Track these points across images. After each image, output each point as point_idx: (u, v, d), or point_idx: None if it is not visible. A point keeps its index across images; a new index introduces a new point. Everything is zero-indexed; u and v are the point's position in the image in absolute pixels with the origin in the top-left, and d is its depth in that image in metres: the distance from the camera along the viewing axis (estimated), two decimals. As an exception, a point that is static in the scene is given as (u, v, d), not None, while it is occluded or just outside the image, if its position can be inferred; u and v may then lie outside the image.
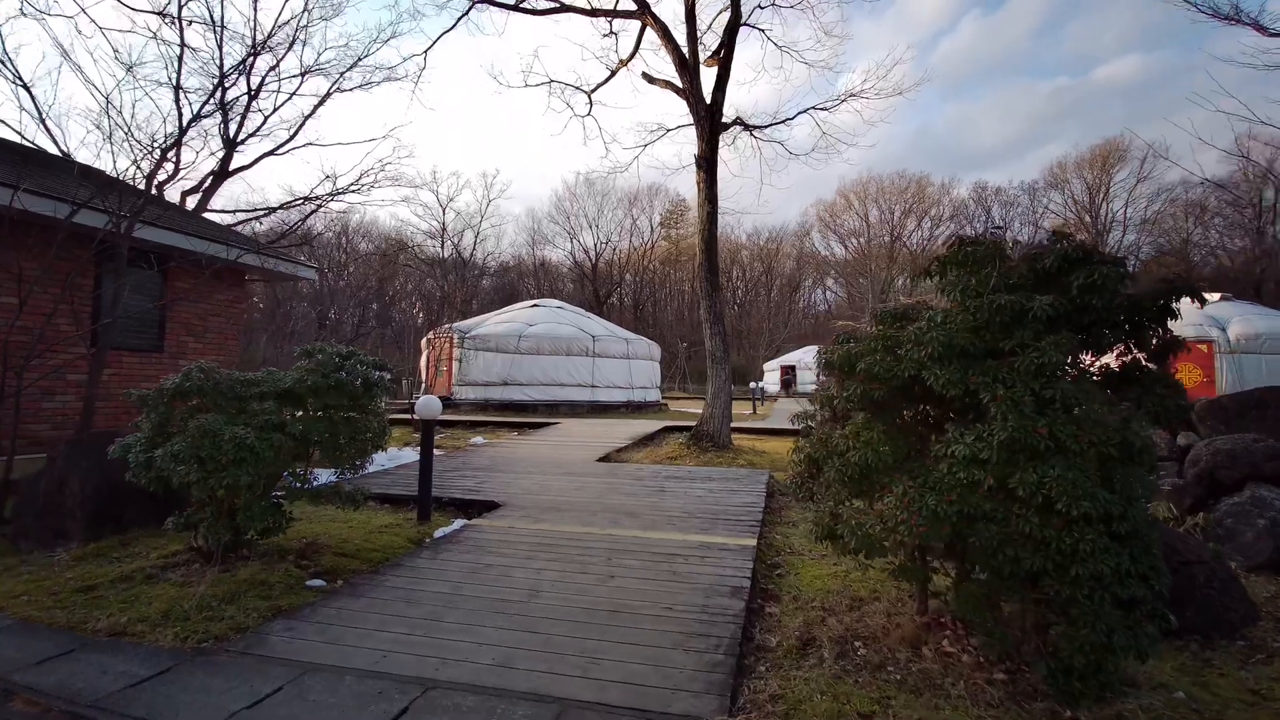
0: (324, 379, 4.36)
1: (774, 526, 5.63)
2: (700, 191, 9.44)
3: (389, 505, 6.26)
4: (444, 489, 6.60)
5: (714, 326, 9.43)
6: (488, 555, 4.35)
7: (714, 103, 9.32)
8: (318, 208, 15.68)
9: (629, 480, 7.24)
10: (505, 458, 9.01)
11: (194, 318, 9.57)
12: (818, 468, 3.16)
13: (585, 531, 4.97)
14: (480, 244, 58.82)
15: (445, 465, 8.26)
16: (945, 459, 2.67)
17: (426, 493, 5.56)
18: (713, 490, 6.68)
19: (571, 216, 59.71)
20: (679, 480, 7.25)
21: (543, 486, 6.80)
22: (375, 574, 4.02)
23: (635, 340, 21.08)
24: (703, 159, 9.34)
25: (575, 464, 8.42)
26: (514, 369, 18.43)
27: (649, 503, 6.05)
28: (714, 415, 9.34)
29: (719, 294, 9.59)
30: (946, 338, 2.72)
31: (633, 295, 62.14)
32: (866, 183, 60.25)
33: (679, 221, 62.58)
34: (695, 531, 5.01)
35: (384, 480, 7.16)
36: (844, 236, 63.45)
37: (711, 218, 9.40)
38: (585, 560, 4.24)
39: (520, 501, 6.06)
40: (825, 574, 4.25)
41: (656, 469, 8.10)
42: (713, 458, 8.81)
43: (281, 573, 4.04)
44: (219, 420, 3.92)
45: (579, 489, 6.69)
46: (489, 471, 7.76)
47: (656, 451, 9.74)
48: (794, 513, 6.31)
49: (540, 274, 60.76)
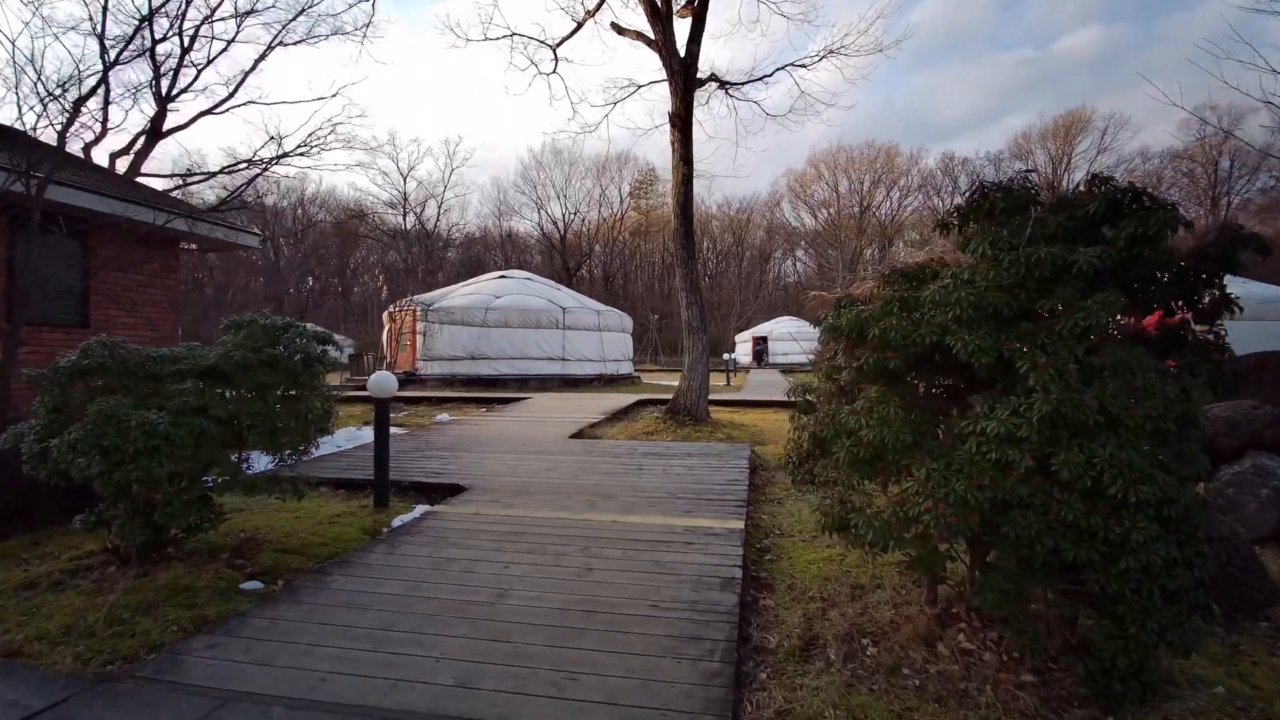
0: (255, 354, 3.81)
1: (759, 505, 5.32)
2: (674, 152, 8.90)
3: (344, 491, 5.75)
4: (405, 472, 6.11)
5: (690, 295, 9.00)
6: (450, 547, 3.92)
7: (688, 55, 8.72)
8: (262, 171, 14.61)
9: (605, 458, 6.86)
10: (472, 436, 8.53)
11: (123, 290, 8.74)
12: (822, 447, 2.79)
13: (559, 517, 4.56)
14: (444, 214, 56.98)
15: (407, 445, 7.74)
16: (973, 436, 2.32)
17: (383, 477, 5.07)
18: (693, 467, 6.34)
19: (538, 186, 58.17)
20: (657, 457, 6.89)
21: (512, 467, 6.36)
22: (321, 573, 3.55)
23: (607, 312, 20.56)
24: (677, 117, 8.77)
25: (547, 441, 7.99)
26: (481, 342, 17.78)
27: (627, 483, 5.67)
28: (691, 388, 8.98)
29: (695, 261, 9.15)
30: (976, 298, 2.34)
31: (602, 267, 61.21)
32: (836, 153, 60.05)
33: (648, 192, 61.53)
34: (678, 514, 4.65)
35: (339, 463, 6.62)
36: (814, 207, 63.39)
37: (687, 180, 8.88)
38: (560, 551, 3.84)
39: (488, 484, 5.62)
40: (820, 558, 3.94)
41: (633, 445, 7.73)
42: (690, 432, 8.48)
43: (210, 575, 3.55)
44: (125, 403, 3.36)
45: (551, 469, 6.27)
46: (454, 451, 7.28)
47: (632, 426, 9.36)
48: (778, 488, 6.02)
49: (508, 246, 59.30)
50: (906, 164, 60.14)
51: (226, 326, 4.07)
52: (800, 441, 2.94)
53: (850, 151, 59.76)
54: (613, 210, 60.37)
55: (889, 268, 3.00)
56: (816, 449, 2.81)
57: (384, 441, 5.03)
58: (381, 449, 5.02)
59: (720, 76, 9.68)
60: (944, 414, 2.60)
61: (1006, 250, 2.40)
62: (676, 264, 9.08)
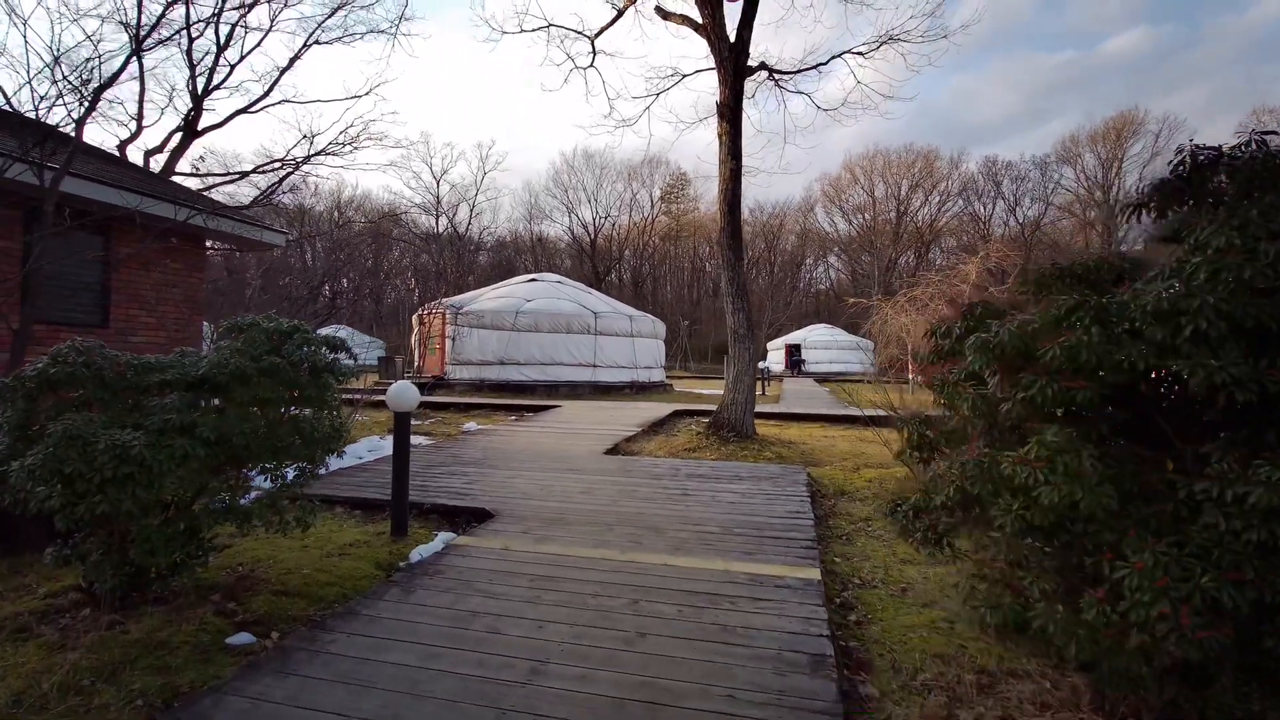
0: (253, 362, 3.26)
1: (828, 544, 4.60)
2: (722, 145, 8.23)
3: (360, 512, 5.21)
4: (427, 491, 5.56)
5: (736, 301, 8.30)
6: (474, 596, 3.31)
7: (739, 41, 8.06)
8: (294, 169, 14.42)
9: (645, 479, 6.20)
10: (501, 449, 7.96)
11: (145, 288, 8.43)
12: (968, 506, 2.08)
13: (600, 557, 3.92)
14: (476, 218, 57.26)
15: (432, 458, 7.21)
16: (1214, 505, 1.61)
17: (402, 502, 4.51)
18: (746, 494, 5.64)
19: (570, 190, 58.11)
20: (704, 480, 6.20)
21: (544, 488, 5.75)
22: (321, 629, 2.97)
23: (639, 317, 19.95)
24: (725, 107, 8.11)
25: (580, 457, 7.37)
26: (511, 347, 17.33)
27: (674, 512, 5.01)
28: (736, 401, 8.28)
29: (742, 264, 8.45)
30: (1227, 305, 1.63)
31: (632, 272, 60.77)
32: (873, 156, 58.63)
33: (679, 196, 60.93)
34: (739, 556, 3.96)
35: (358, 478, 6.11)
36: (849, 212, 61.92)
37: (735, 175, 8.20)
38: (604, 605, 3.20)
39: (518, 509, 5.01)
40: (920, 623, 3.22)
41: (674, 464, 7.06)
42: (736, 450, 7.77)
43: (194, 626, 3.00)
44: (95, 422, 2.83)
45: (587, 492, 5.64)
46: (481, 467, 6.71)
47: (671, 442, 8.70)
48: (843, 520, 5.29)
49: (538, 249, 59.30)
50: (946, 168, 58.33)
51: (224, 330, 3.54)
52: (930, 492, 2.23)
53: (887, 155, 58.27)
54: (643, 214, 59.98)
55: (1049, 264, 2.28)
56: (957, 507, 2.11)
57: (403, 460, 4.46)
58: (400, 469, 4.45)
59: (770, 65, 8.99)
60: (1151, 467, 1.88)
61: (1266, 238, 1.67)
62: (723, 267, 8.41)
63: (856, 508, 5.74)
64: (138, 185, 7.39)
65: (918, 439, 2.63)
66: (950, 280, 16.06)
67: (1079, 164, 55.67)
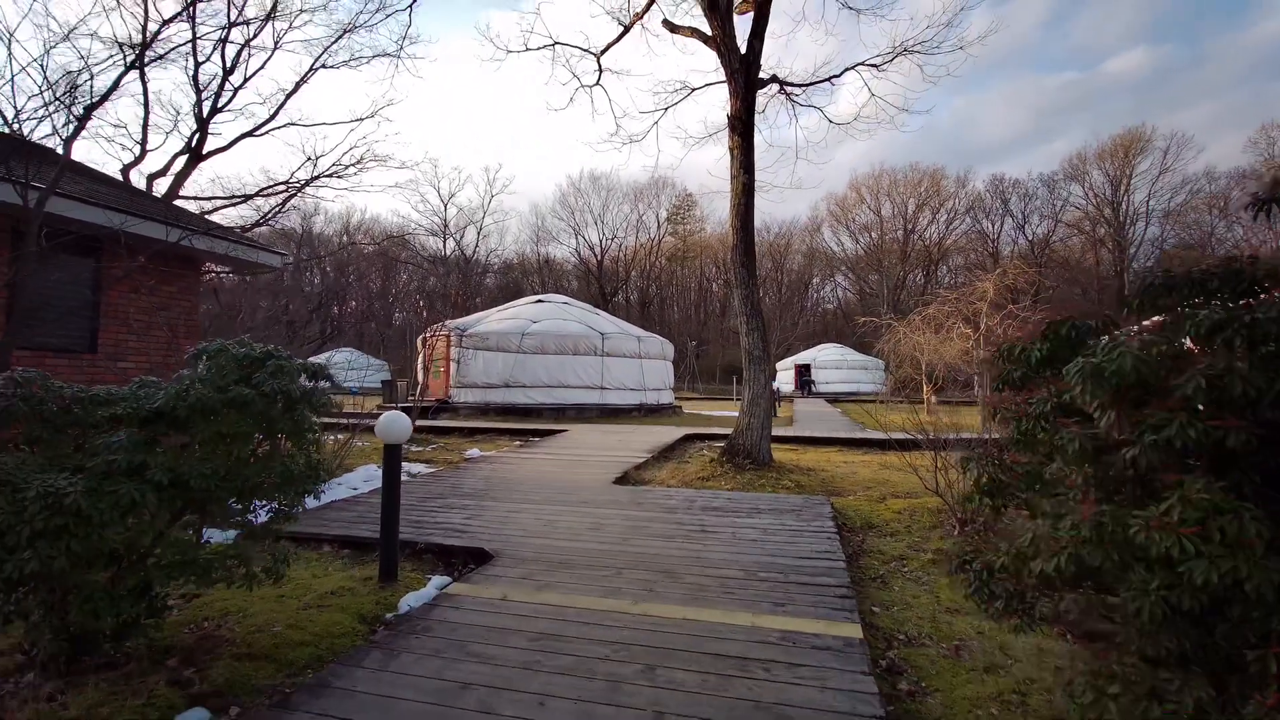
0: (219, 393, 2.89)
1: (864, 589, 4.14)
2: (734, 159, 7.92)
3: (349, 552, 4.80)
4: (422, 527, 5.14)
5: (751, 320, 7.91)
6: (466, 661, 2.87)
7: (750, 52, 7.79)
8: (296, 192, 14.28)
9: (658, 513, 5.76)
10: (504, 478, 7.54)
11: (137, 312, 8.15)
12: (1077, 577, 1.65)
13: (610, 609, 3.48)
14: (483, 240, 57.50)
15: (430, 489, 6.80)
16: None
17: (391, 544, 4.09)
18: (768, 529, 5.18)
19: (576, 212, 58.40)
20: (721, 513, 5.75)
21: (549, 524, 5.32)
22: (284, 707, 2.54)
23: (647, 338, 19.59)
24: (737, 119, 7.82)
25: (588, 487, 6.94)
26: (516, 370, 16.98)
27: (690, 552, 4.56)
28: (751, 426, 7.84)
29: (756, 282, 8.08)
30: None
31: (639, 293, 60.67)
32: (879, 175, 58.67)
33: (685, 217, 61.05)
34: (766, 608, 3.51)
35: (350, 513, 5.70)
36: (855, 231, 61.77)
37: (748, 190, 7.88)
38: (614, 672, 2.75)
39: (520, 549, 4.58)
40: (986, 694, 2.75)
41: (689, 495, 6.61)
42: (753, 479, 7.31)
43: (142, 700, 2.58)
44: (29, 464, 2.46)
45: (595, 528, 5.20)
46: (482, 500, 6.29)
47: (683, 469, 8.24)
48: (875, 559, 4.82)
49: (544, 271, 59.38)
50: (953, 187, 58.21)
51: (191, 357, 3.17)
52: (1022, 555, 1.80)
53: (894, 174, 58.31)
54: (650, 236, 60.07)
55: (1159, 269, 1.87)
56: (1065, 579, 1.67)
57: (393, 498, 4.06)
58: (390, 508, 4.05)
59: (782, 79, 8.72)
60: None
61: None
62: (735, 285, 8.05)
63: (887, 544, 5.27)
64: (127, 205, 7.14)
65: (990, 482, 2.20)
66: (967, 298, 15.65)
67: (1087, 181, 55.43)
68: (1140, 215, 53.91)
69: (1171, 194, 52.50)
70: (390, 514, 4.04)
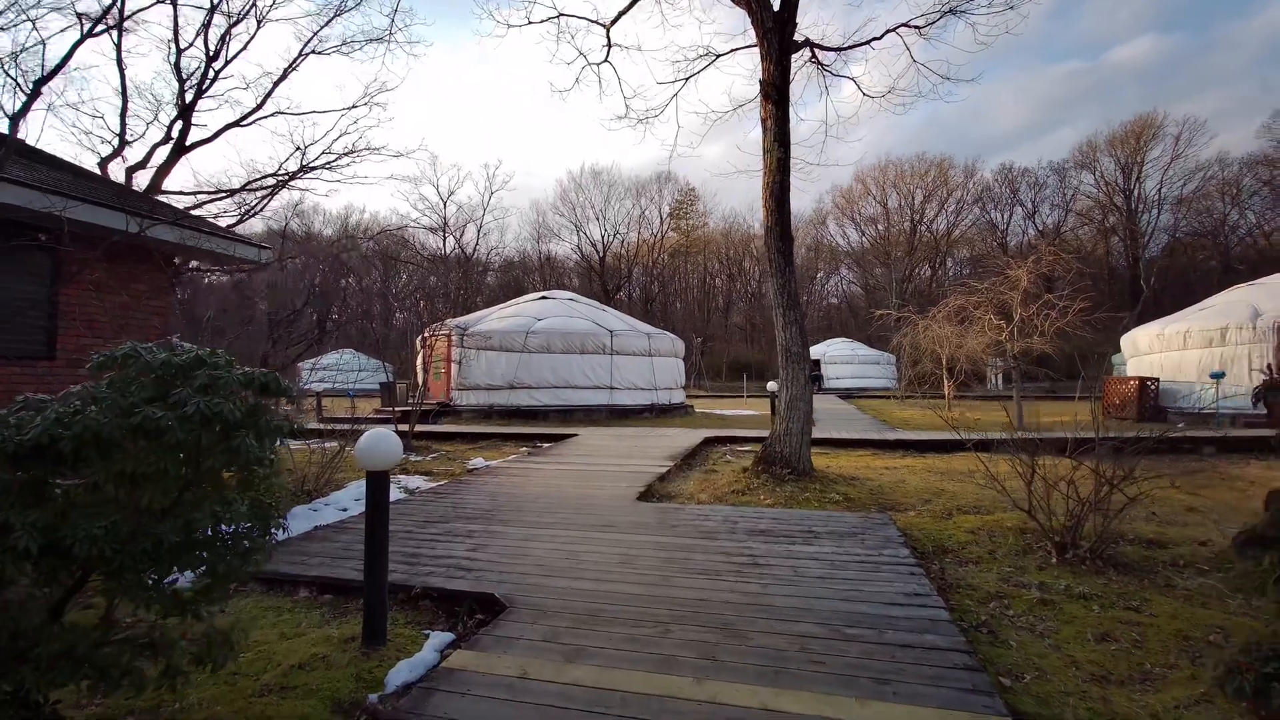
0: (122, 417, 2.04)
1: (976, 645, 3.27)
2: (767, 131, 7.04)
3: (330, 598, 3.96)
4: (418, 564, 4.29)
5: (788, 312, 7.05)
6: (476, 792, 2.02)
7: (784, 9, 6.91)
8: (285, 183, 13.44)
9: (695, 538, 4.90)
10: (512, 494, 6.70)
11: (101, 312, 7.31)
12: None
13: (666, 690, 2.63)
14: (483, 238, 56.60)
15: (428, 511, 5.95)
16: None
17: (377, 598, 3.24)
18: (833, 560, 4.33)
19: (577, 208, 57.48)
20: (771, 538, 4.89)
21: (570, 556, 4.47)
22: None
23: (658, 335, 18.73)
24: (770, 85, 6.94)
25: (609, 505, 6.09)
26: (521, 370, 16.13)
27: (747, 595, 3.71)
28: (790, 431, 6.98)
29: (793, 269, 7.19)
30: None
31: (641, 289, 59.75)
32: (885, 167, 57.63)
33: (688, 212, 60.10)
34: (869, 687, 2.65)
35: (335, 544, 4.85)
36: (861, 224, 60.79)
37: (783, 165, 7.00)
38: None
39: (537, 593, 3.74)
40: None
41: (726, 514, 5.75)
42: (794, 491, 6.46)
43: None
44: None
45: (626, 561, 4.35)
46: (489, 523, 5.44)
47: (713, 480, 7.39)
48: (970, 598, 3.96)
49: (546, 269, 58.52)
50: (961, 176, 57.18)
51: (94, 366, 2.32)
52: None
53: (900, 165, 57.27)
54: (652, 231, 59.15)
55: None
56: None
57: (380, 541, 3.21)
58: (376, 554, 3.19)
59: (815, 41, 7.82)
60: None
61: None
62: (770, 273, 7.18)
63: (973, 575, 4.41)
64: (74, 189, 6.29)
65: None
66: (996, 287, 14.76)
67: (1098, 169, 54.36)
68: (1153, 203, 52.87)
69: (1184, 181, 51.46)
70: (376, 562, 3.19)
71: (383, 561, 3.26)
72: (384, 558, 3.26)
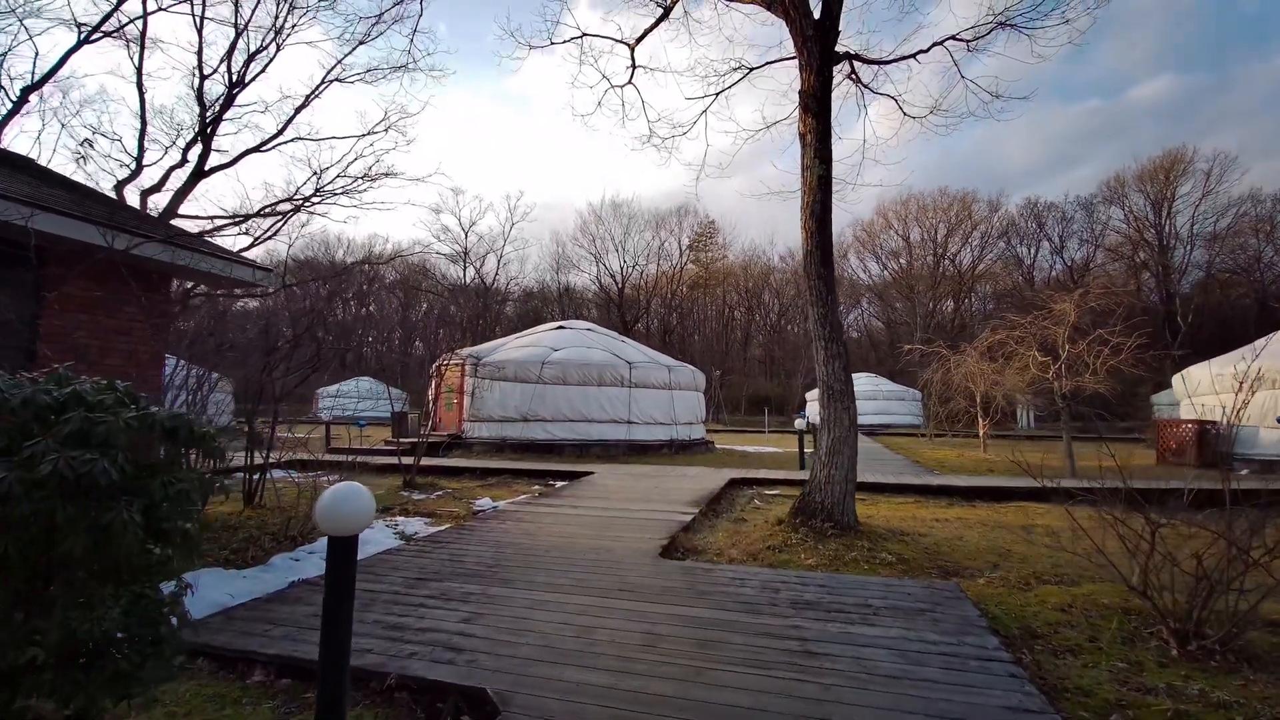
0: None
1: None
2: (806, 148, 6.45)
3: (288, 683, 3.24)
4: (401, 639, 3.56)
5: (831, 345, 6.33)
6: None
7: (826, 15, 6.39)
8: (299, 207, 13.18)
9: (734, 612, 4.11)
10: (519, 544, 5.96)
11: (88, 337, 6.84)
12: None
13: None
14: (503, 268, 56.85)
15: (423, 565, 5.23)
16: None
17: (335, 694, 2.52)
18: (906, 650, 3.51)
19: (597, 239, 57.60)
20: (822, 614, 4.09)
21: (581, 633, 3.71)
22: None
23: (678, 368, 18.02)
24: (810, 97, 6.37)
25: (629, 562, 5.33)
26: (535, 402, 15.49)
27: (808, 703, 2.91)
28: (833, 479, 6.19)
29: (835, 296, 6.50)
30: None
31: (660, 322, 59.32)
32: (906, 201, 57.08)
33: (708, 244, 59.95)
34: None
35: (309, 606, 4.13)
36: (883, 258, 60.08)
37: (824, 183, 6.37)
38: None
39: (539, 693, 2.98)
40: None
41: (765, 578, 4.95)
42: (839, 549, 5.64)
43: None
44: None
45: (649, 644, 3.58)
46: (489, 583, 4.71)
47: (744, 533, 6.58)
48: (1081, 704, 3.12)
49: (565, 299, 58.46)
50: (985, 210, 56.44)
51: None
52: None
53: (921, 199, 56.73)
54: (672, 263, 58.99)
55: None
56: None
57: (342, 632, 2.50)
58: (336, 647, 2.49)
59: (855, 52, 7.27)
60: None
61: None
62: (811, 301, 6.49)
63: (1079, 673, 3.57)
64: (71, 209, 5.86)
65: None
66: (1042, 324, 13.89)
67: (1126, 204, 53.30)
68: (1185, 239, 51.53)
69: (1216, 217, 50.20)
70: (333, 651, 2.48)
71: (343, 650, 2.54)
72: (344, 646, 2.55)
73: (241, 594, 4.60)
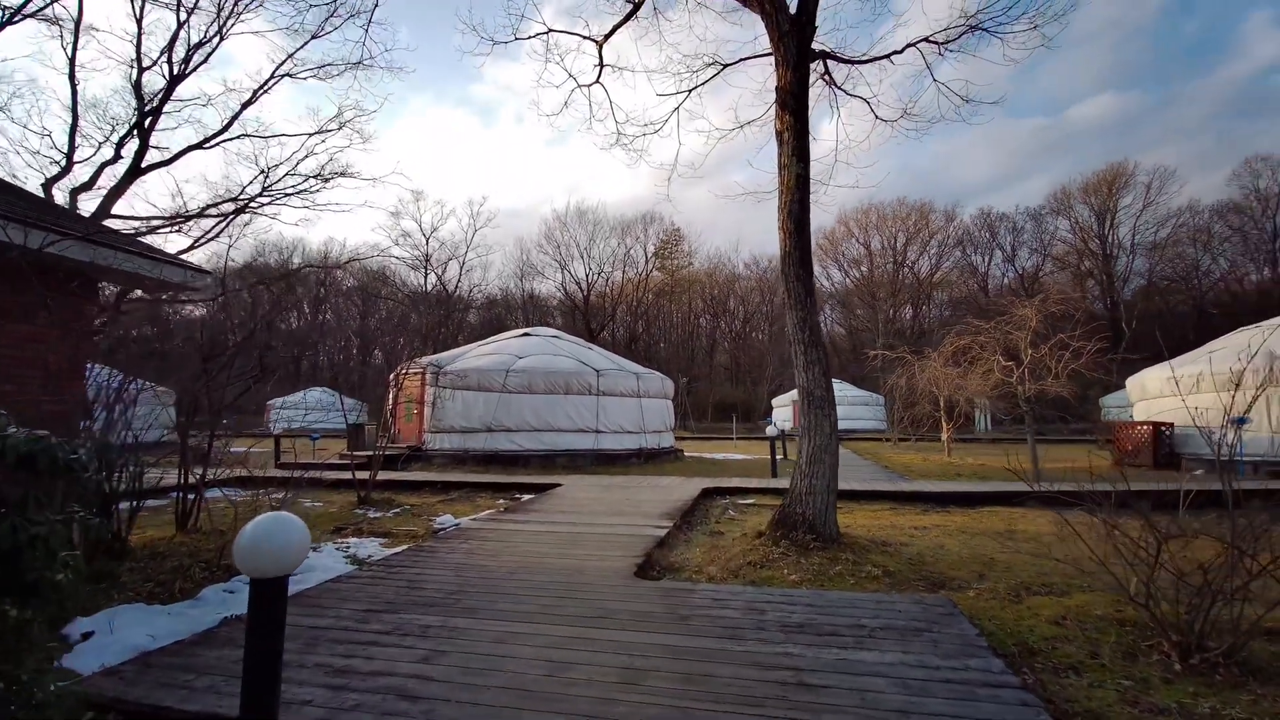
0: None
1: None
2: (784, 146, 6.25)
3: (211, 747, 2.76)
4: (346, 689, 3.12)
5: (810, 350, 6.11)
6: None
7: (802, 11, 6.23)
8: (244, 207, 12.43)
9: (717, 639, 3.79)
10: (484, 566, 5.53)
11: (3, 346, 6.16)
12: None
13: None
14: (466, 275, 55.75)
15: (376, 592, 4.75)
16: None
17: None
18: (907, 679, 3.24)
19: (562, 246, 57.09)
20: (813, 637, 3.80)
21: (555, 672, 3.33)
22: None
23: (647, 375, 17.72)
24: (787, 94, 6.18)
25: (602, 584, 4.96)
26: (500, 412, 14.96)
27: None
28: (814, 490, 5.95)
29: (814, 300, 6.29)
30: None
31: (626, 329, 59.03)
32: (867, 210, 58.39)
33: (673, 252, 60.03)
34: None
35: (237, 652, 3.64)
36: (845, 265, 61.24)
37: (802, 183, 6.17)
38: None
39: (508, 747, 2.59)
40: None
41: (749, 598, 4.64)
42: (823, 563, 5.39)
43: None
44: None
45: (629, 682, 3.22)
46: (450, 614, 4.28)
47: (722, 547, 6.28)
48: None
49: (529, 307, 57.67)
50: (942, 220, 58.15)
51: None
52: None
53: (881, 209, 58.07)
54: (637, 270, 58.83)
55: None
56: None
57: (267, 693, 2.08)
58: (261, 713, 2.06)
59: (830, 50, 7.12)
60: None
61: None
62: (789, 305, 6.26)
63: (1085, 692, 3.36)
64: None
65: None
66: (1004, 329, 14.09)
67: (1072, 215, 55.64)
68: (1127, 249, 54.02)
69: (1156, 227, 52.81)
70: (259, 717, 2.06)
71: (269, 714, 2.12)
72: (271, 710, 2.13)
73: (165, 634, 4.06)
